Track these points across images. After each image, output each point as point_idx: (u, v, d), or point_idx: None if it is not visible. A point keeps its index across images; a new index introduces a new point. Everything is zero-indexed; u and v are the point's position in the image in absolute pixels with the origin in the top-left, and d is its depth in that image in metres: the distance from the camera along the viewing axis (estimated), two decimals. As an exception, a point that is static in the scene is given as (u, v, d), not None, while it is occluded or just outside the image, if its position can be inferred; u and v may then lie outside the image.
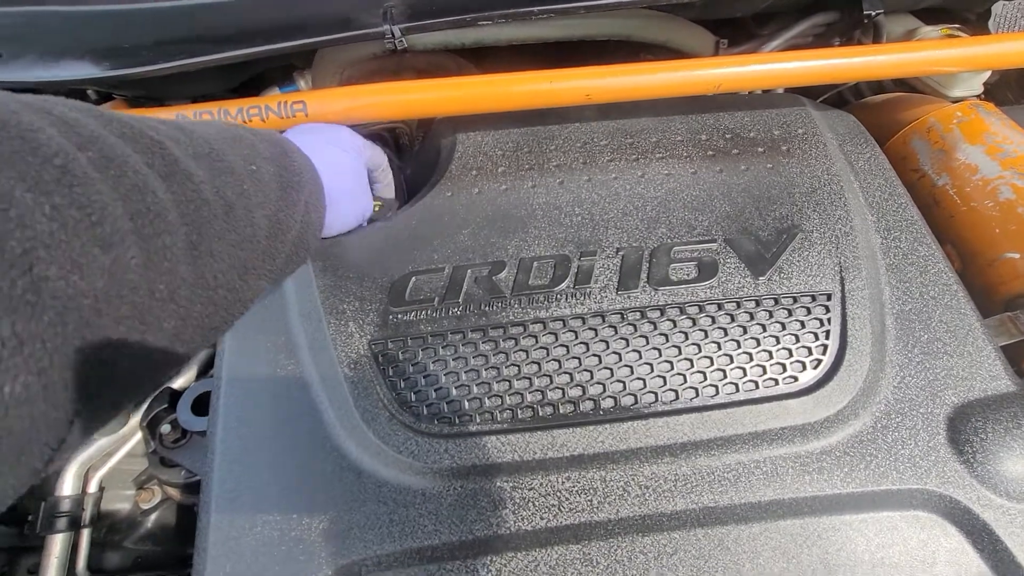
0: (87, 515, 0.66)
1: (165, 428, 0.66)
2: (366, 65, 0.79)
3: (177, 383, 0.79)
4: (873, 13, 0.71)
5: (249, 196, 0.37)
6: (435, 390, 0.49)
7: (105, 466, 0.72)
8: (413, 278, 0.53)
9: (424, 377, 0.49)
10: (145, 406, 0.71)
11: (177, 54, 0.61)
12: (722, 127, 0.64)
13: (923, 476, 0.46)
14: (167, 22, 0.62)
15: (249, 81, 0.82)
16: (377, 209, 0.62)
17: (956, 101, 0.79)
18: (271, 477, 0.47)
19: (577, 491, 0.46)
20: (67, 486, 0.67)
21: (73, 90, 0.70)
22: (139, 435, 0.74)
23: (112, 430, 0.72)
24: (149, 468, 0.73)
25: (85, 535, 0.66)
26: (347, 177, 0.53)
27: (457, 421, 0.48)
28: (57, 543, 0.64)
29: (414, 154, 0.74)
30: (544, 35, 0.72)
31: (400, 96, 0.58)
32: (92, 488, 0.70)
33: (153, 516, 0.73)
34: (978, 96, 0.83)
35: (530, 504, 0.46)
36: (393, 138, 0.91)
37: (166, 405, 0.68)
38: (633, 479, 0.47)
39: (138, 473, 0.75)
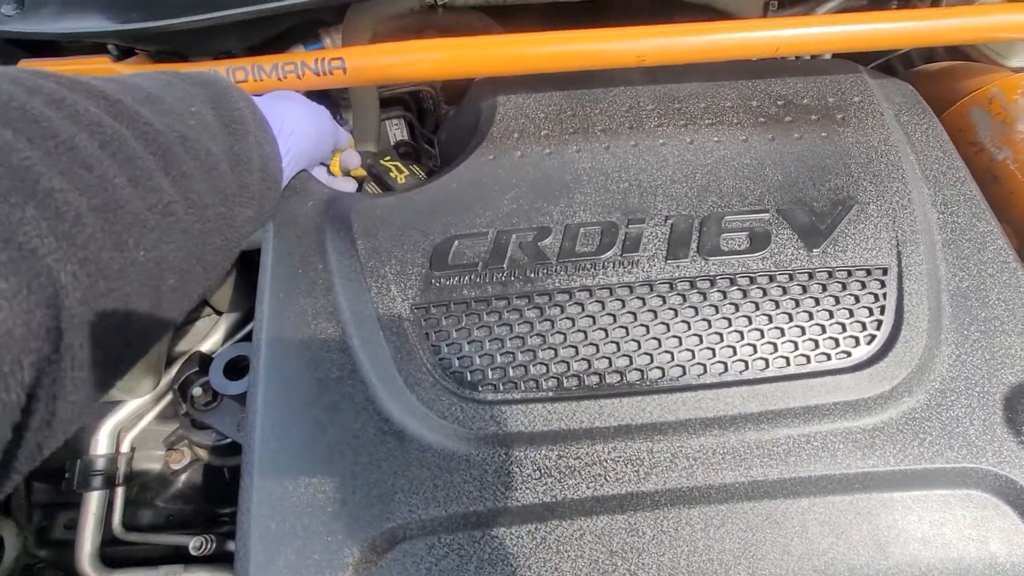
0: (120, 474, 0.67)
1: (196, 391, 0.66)
2: (396, 23, 0.76)
3: (206, 346, 0.79)
4: None
5: (198, 131, 0.38)
6: (479, 356, 0.48)
7: (136, 427, 0.73)
8: (456, 242, 0.51)
9: (468, 343, 0.48)
10: (176, 369, 0.71)
11: (200, 7, 0.59)
12: (774, 93, 0.61)
13: (978, 455, 0.45)
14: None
15: (272, 39, 0.79)
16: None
17: (1016, 71, 0.75)
18: (314, 439, 0.46)
19: (624, 461, 0.46)
20: (101, 446, 0.67)
21: (95, 44, 0.68)
22: (169, 398, 0.74)
23: (143, 392, 0.72)
24: (180, 430, 0.73)
25: (119, 493, 0.66)
26: (296, 107, 0.54)
27: (502, 388, 0.47)
28: (93, 500, 0.65)
29: (449, 117, 0.71)
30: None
31: (443, 53, 0.56)
32: (124, 448, 0.70)
33: (183, 476, 0.74)
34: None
35: (576, 473, 0.45)
36: (415, 101, 0.89)
37: (197, 368, 0.68)
38: (681, 451, 0.46)
39: (168, 434, 0.75)
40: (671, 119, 0.59)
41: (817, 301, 0.49)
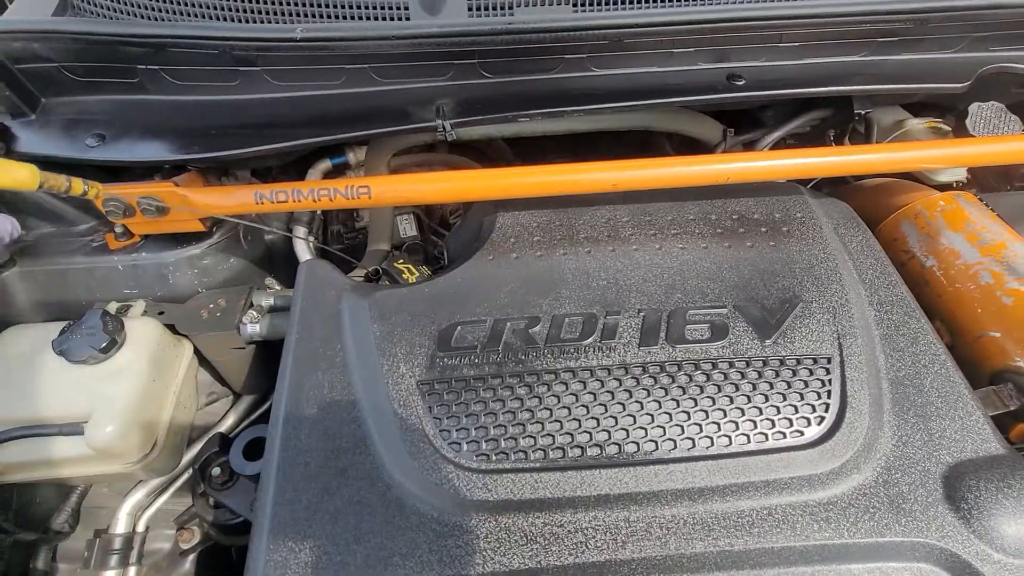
0: (135, 553, 0.69)
1: (215, 471, 0.70)
2: (416, 143, 0.91)
3: (225, 426, 0.84)
4: (863, 111, 0.83)
5: None
6: (475, 428, 0.54)
7: (152, 506, 0.76)
8: (458, 327, 0.60)
9: (466, 416, 0.55)
10: (196, 449, 0.76)
11: (256, 140, 0.72)
12: (729, 209, 0.73)
13: (923, 529, 0.50)
14: (249, 112, 0.73)
15: (304, 155, 0.93)
16: None
17: (943, 186, 0.89)
18: (321, 505, 0.51)
19: (603, 529, 0.50)
20: (120, 524, 0.71)
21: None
22: (184, 477, 0.78)
23: (166, 471, 0.76)
24: (194, 508, 0.76)
25: (132, 572, 0.68)
26: None
27: (494, 458, 0.53)
28: (108, 579, 0.67)
29: (456, 226, 0.83)
30: (574, 128, 0.83)
31: (453, 184, 0.68)
32: (140, 527, 0.73)
33: (192, 556, 0.75)
34: (963, 180, 0.93)
35: (559, 540, 0.50)
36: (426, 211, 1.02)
37: (217, 448, 0.72)
38: (655, 520, 0.51)
39: (180, 513, 0.78)
40: (643, 229, 0.70)
41: (771, 385, 0.57)
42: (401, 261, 0.80)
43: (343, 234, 1.05)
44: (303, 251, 0.91)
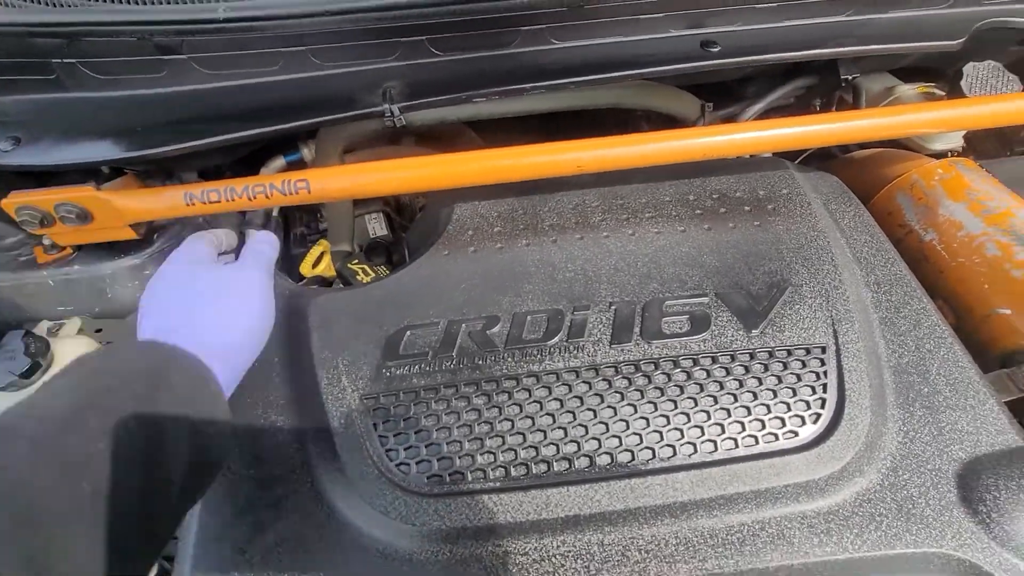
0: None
1: None
2: (365, 136, 0.84)
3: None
4: (850, 77, 0.77)
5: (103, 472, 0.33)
6: (426, 446, 0.48)
7: None
8: (408, 332, 0.53)
9: (415, 432, 0.48)
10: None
11: (188, 135, 0.65)
12: (709, 188, 0.67)
13: (938, 538, 0.44)
14: (178, 105, 0.67)
15: (255, 151, 0.87)
16: None
17: (938, 154, 0.82)
18: (251, 542, 0.45)
19: (573, 556, 0.44)
20: None
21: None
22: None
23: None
24: None
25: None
26: (236, 310, 0.49)
27: (448, 479, 0.47)
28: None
29: (415, 220, 0.77)
30: (536, 108, 0.76)
31: (399, 173, 0.61)
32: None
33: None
34: (959, 148, 0.87)
35: (524, 571, 0.43)
36: (394, 195, 0.95)
37: None
38: (632, 543, 0.44)
39: None
40: (614, 214, 0.64)
41: (760, 381, 0.50)
42: (356, 262, 0.73)
43: (307, 236, 0.99)
44: (256, 256, 0.84)
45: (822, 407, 0.49)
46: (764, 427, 0.48)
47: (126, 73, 0.69)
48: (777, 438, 0.48)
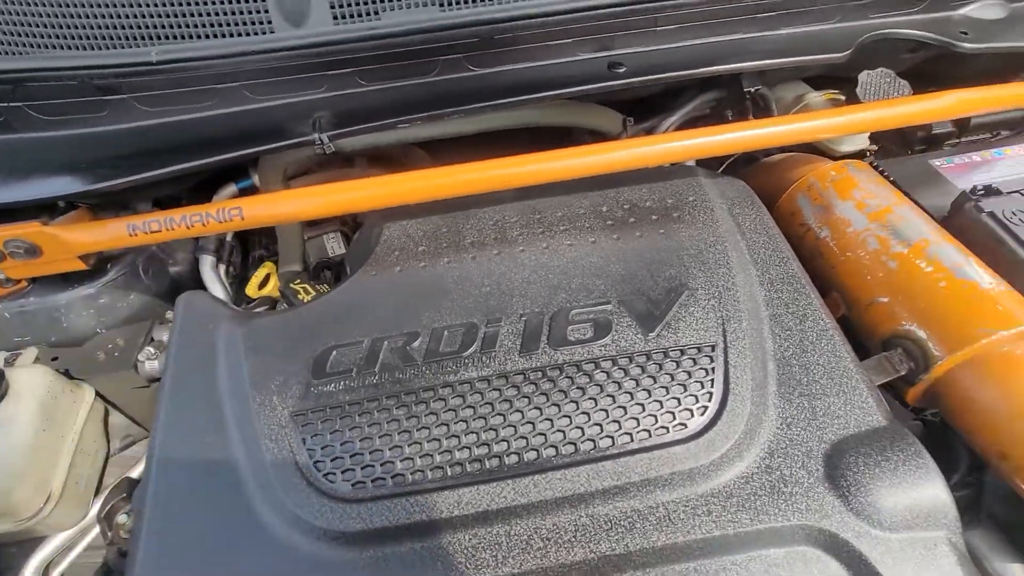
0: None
1: (122, 518, 0.67)
2: (304, 161, 0.89)
3: (137, 471, 0.81)
4: (752, 89, 0.82)
5: None
6: (350, 456, 0.52)
7: (65, 561, 0.73)
8: (334, 351, 0.58)
9: (341, 444, 0.53)
10: (103, 497, 0.73)
11: (131, 170, 0.69)
12: (622, 199, 0.72)
13: (804, 512, 0.49)
14: (121, 141, 0.70)
15: (208, 179, 0.90)
16: None
17: (847, 156, 0.88)
18: (194, 551, 0.49)
19: (483, 547, 0.49)
20: None
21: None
22: (97, 528, 0.75)
23: (70, 524, 0.73)
24: (107, 559, 0.73)
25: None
26: None
27: (371, 485, 0.51)
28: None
29: (351, 243, 0.81)
30: (461, 131, 0.81)
31: (332, 197, 0.66)
32: (53, 584, 0.70)
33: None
34: (870, 150, 0.93)
35: (439, 563, 0.48)
36: (351, 214, 0.99)
37: (124, 495, 0.69)
38: (536, 532, 0.50)
39: (99, 566, 0.75)
40: (531, 228, 0.69)
41: (654, 379, 0.56)
42: (298, 282, 0.77)
43: (265, 257, 1.02)
44: (211, 280, 0.88)
45: (709, 400, 0.55)
46: (656, 421, 0.54)
47: (70, 113, 0.73)
48: (668, 431, 0.53)
